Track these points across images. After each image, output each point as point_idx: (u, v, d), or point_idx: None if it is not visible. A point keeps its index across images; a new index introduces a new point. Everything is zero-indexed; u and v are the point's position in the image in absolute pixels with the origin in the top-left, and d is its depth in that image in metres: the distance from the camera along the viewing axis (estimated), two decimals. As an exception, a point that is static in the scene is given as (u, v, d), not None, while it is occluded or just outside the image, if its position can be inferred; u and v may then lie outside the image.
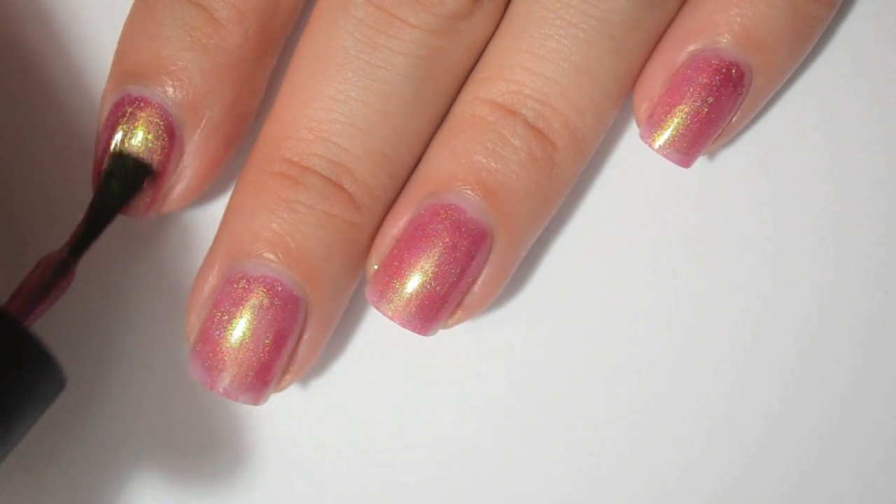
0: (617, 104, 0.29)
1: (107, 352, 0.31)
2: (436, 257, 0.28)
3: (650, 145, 0.29)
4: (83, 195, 0.29)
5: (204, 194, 0.30)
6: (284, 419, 0.31)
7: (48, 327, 0.27)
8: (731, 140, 0.32)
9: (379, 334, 0.31)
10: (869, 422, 0.31)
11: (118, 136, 0.28)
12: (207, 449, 0.31)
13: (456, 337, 0.31)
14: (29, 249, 0.30)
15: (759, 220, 0.32)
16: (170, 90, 0.28)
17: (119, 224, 0.29)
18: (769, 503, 0.31)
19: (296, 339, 0.28)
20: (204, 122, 0.28)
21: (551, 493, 0.31)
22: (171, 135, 0.28)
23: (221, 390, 0.28)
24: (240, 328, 0.28)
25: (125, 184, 0.28)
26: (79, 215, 0.28)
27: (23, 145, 0.31)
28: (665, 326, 0.32)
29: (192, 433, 0.31)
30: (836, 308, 0.32)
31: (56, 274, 0.27)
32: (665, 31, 0.29)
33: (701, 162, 0.32)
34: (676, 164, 0.29)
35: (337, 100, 0.28)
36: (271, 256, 0.28)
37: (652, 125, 0.29)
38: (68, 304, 0.30)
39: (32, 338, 0.24)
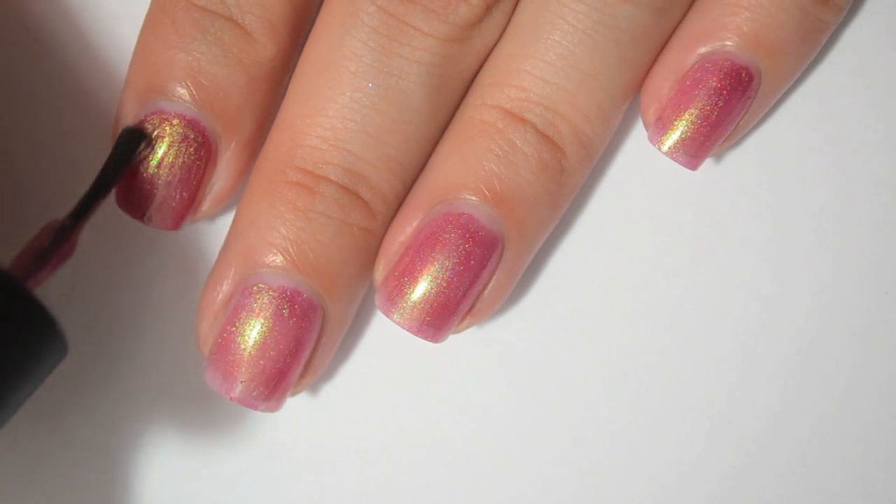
0: (622, 110, 0.29)
1: (107, 352, 0.31)
2: (448, 266, 0.28)
3: (658, 148, 0.29)
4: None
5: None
6: (284, 419, 0.31)
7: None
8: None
9: (379, 335, 0.31)
10: (869, 422, 0.31)
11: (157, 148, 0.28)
12: (207, 450, 0.31)
13: (456, 337, 0.31)
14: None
15: (759, 220, 0.32)
16: (206, 106, 0.27)
17: (120, 226, 0.29)
18: (769, 503, 0.31)
19: (313, 346, 0.28)
20: (239, 135, 0.28)
21: (551, 493, 0.31)
22: (207, 149, 0.28)
23: (240, 399, 0.27)
24: (259, 339, 0.27)
25: (122, 153, 0.28)
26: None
27: (29, 139, 0.31)
28: (665, 326, 0.32)
29: (192, 434, 0.31)
30: (836, 308, 0.32)
31: (56, 239, 0.26)
32: (670, 37, 0.29)
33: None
34: (684, 166, 0.29)
35: (351, 108, 0.27)
36: (290, 267, 0.27)
37: (661, 127, 0.29)
38: (68, 306, 0.30)
39: (32, 297, 0.24)
